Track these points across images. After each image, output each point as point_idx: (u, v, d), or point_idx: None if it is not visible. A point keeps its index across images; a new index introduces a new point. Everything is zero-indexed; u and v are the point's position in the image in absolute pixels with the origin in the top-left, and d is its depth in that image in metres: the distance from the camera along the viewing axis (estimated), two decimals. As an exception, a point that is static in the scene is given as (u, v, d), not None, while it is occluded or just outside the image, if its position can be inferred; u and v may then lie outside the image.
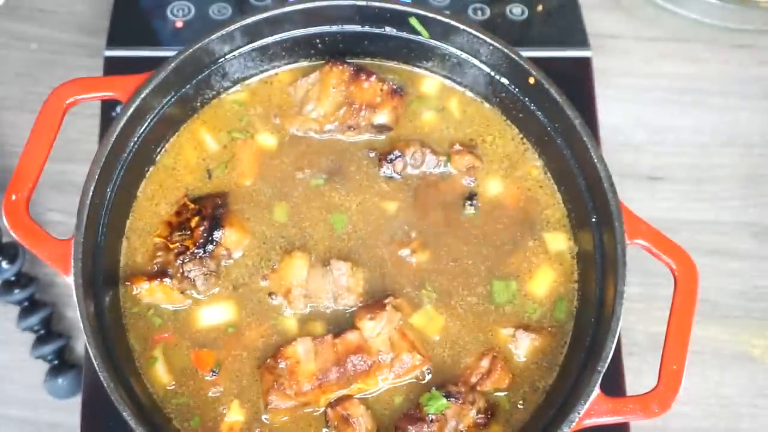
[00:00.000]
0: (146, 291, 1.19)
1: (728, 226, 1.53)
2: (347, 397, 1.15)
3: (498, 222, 1.28)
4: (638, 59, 1.66)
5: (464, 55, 1.32)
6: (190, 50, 1.24)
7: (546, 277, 1.25)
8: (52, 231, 1.13)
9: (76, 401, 1.31)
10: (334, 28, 1.32)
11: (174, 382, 1.17)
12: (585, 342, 1.16)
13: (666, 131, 1.60)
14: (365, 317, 1.16)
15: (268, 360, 1.16)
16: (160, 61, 1.22)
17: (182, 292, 1.20)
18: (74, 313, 1.08)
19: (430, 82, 1.37)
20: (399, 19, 1.30)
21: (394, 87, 1.31)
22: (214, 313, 1.21)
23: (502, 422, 1.17)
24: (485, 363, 1.18)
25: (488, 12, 1.59)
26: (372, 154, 1.31)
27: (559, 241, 1.27)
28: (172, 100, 1.27)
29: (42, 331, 1.39)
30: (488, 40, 1.27)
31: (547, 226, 1.28)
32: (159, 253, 1.22)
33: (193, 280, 1.19)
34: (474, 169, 1.31)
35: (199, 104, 1.33)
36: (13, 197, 1.13)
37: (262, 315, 1.21)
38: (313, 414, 1.16)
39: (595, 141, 1.20)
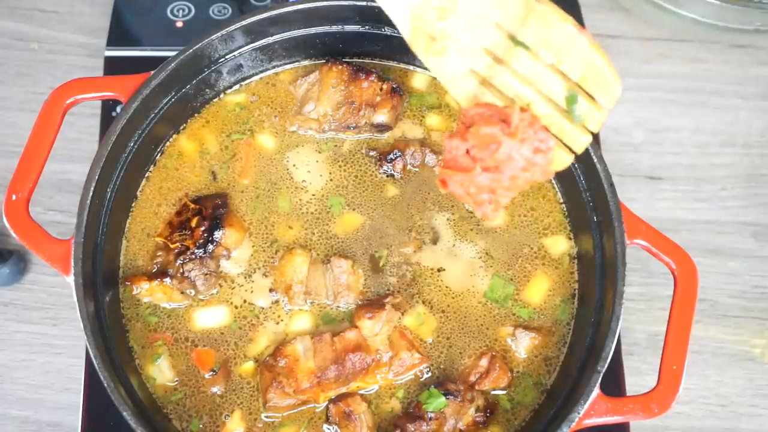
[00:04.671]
0: (146, 291, 1.19)
1: (728, 226, 1.53)
2: (350, 394, 1.15)
3: (498, 221, 1.28)
4: (638, 59, 1.66)
5: (464, 55, 1.32)
6: (190, 50, 1.24)
7: (546, 277, 1.25)
8: (52, 231, 1.13)
9: (76, 401, 1.31)
10: (334, 28, 1.32)
11: (174, 381, 1.17)
12: (585, 342, 1.16)
13: (666, 131, 1.60)
14: (364, 316, 1.16)
15: (267, 358, 1.16)
16: (160, 61, 1.23)
17: (182, 292, 1.20)
18: (74, 313, 1.08)
19: (429, 81, 1.37)
20: (399, 19, 1.30)
21: (394, 86, 1.31)
22: (214, 312, 1.21)
23: (502, 422, 1.17)
24: (484, 362, 1.18)
25: (488, 12, 1.59)
26: (372, 153, 1.31)
27: (558, 242, 1.28)
28: (173, 100, 1.27)
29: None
30: (488, 39, 1.27)
31: (547, 227, 1.28)
32: (159, 253, 1.22)
33: (193, 280, 1.19)
34: (474, 168, 1.30)
35: (199, 104, 1.33)
36: (14, 197, 1.13)
37: (262, 313, 1.21)
38: (315, 410, 1.16)
39: (595, 141, 1.20)
